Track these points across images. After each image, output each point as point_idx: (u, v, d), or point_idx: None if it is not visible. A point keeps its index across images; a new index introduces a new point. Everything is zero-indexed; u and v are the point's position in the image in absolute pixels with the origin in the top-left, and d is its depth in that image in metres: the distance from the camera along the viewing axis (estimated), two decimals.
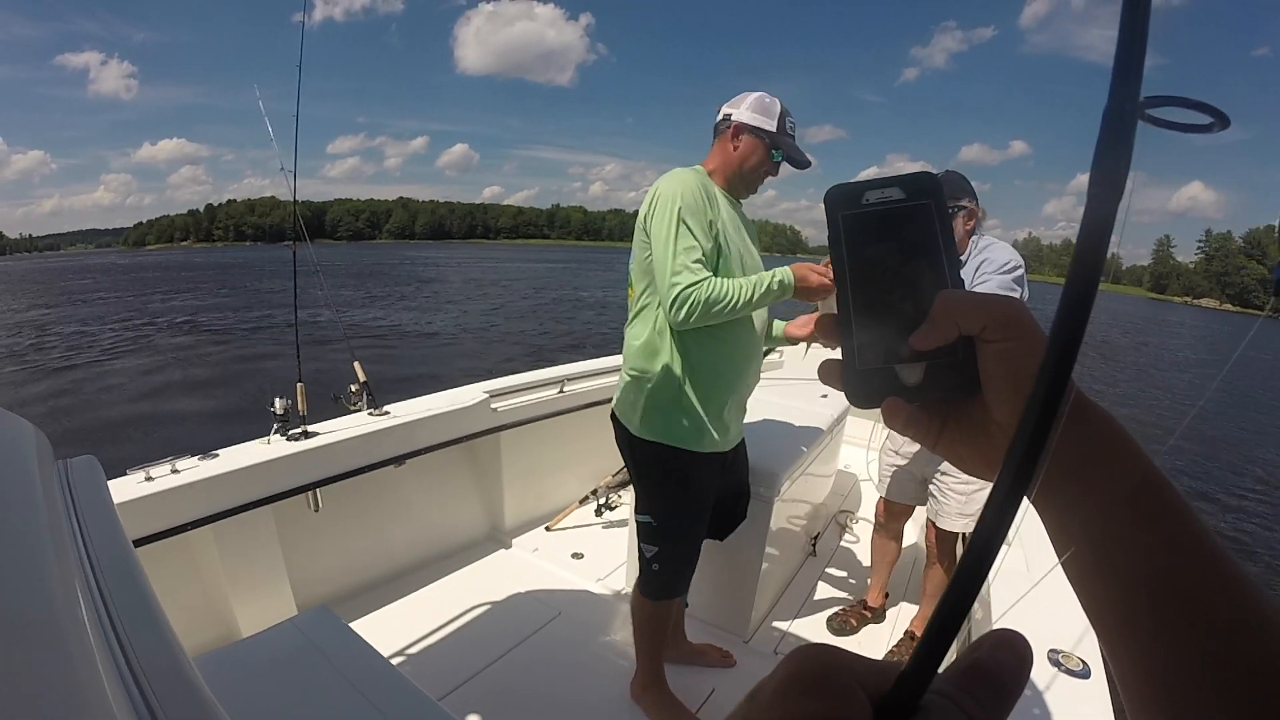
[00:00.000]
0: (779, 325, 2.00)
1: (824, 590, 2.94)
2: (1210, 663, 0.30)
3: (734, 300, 1.65)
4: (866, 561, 3.16)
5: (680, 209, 1.67)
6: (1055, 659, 1.35)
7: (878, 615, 2.72)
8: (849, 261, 0.40)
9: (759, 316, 1.90)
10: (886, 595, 2.77)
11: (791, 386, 3.38)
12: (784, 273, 1.69)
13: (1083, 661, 1.35)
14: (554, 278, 43.93)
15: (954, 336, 0.37)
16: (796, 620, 2.68)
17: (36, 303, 28.75)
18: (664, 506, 1.95)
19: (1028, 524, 1.80)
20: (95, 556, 0.83)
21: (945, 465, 2.46)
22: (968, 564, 0.23)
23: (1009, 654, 0.24)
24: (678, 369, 1.81)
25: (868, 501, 3.80)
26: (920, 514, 2.71)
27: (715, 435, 1.87)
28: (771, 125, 1.76)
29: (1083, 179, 0.26)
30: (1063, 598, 1.58)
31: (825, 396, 3.26)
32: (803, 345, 2.19)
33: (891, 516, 2.71)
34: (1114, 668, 0.36)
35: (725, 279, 1.68)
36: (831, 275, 0.41)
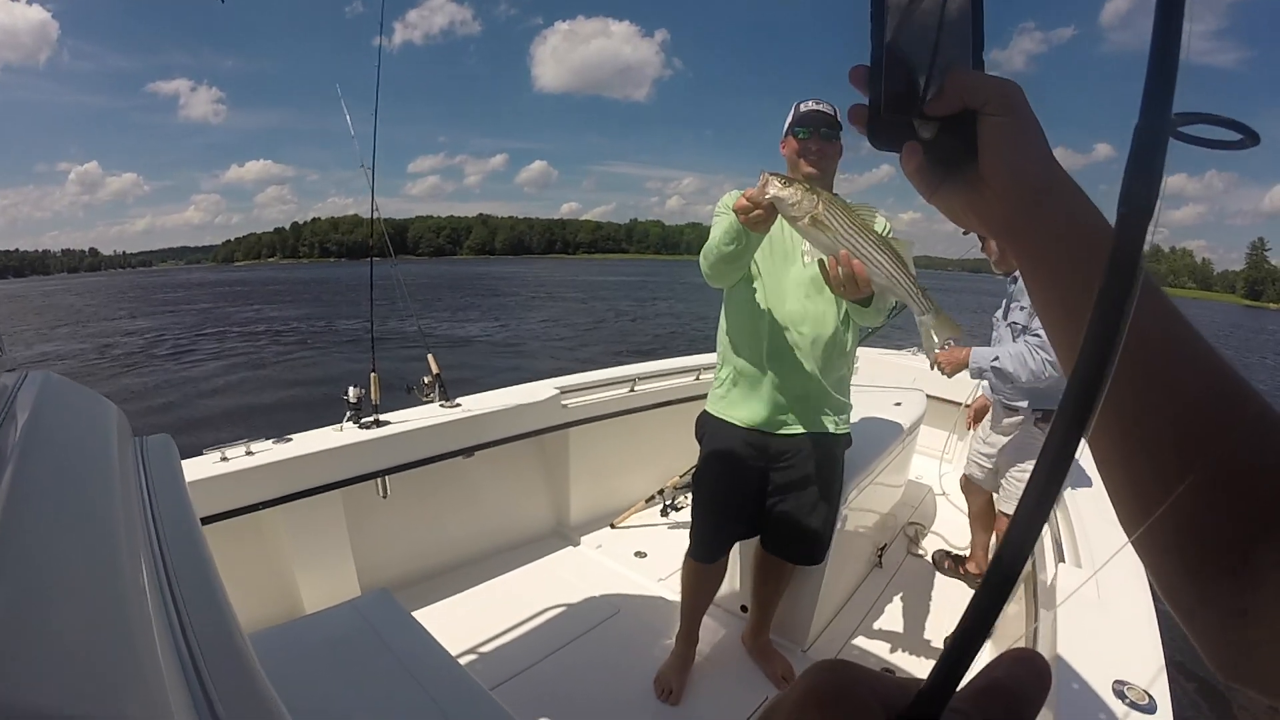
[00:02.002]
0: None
1: (888, 603, 2.85)
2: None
3: (711, 243, 1.81)
4: (934, 574, 3.07)
5: (718, 207, 1.93)
6: (1120, 690, 1.27)
7: (972, 582, 2.58)
8: (889, 21, 0.45)
9: (795, 293, 1.94)
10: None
11: (864, 394, 3.32)
12: None
13: (1148, 695, 1.26)
14: (630, 292, 44.11)
15: (959, 108, 0.45)
16: (858, 632, 2.61)
17: (137, 312, 30.58)
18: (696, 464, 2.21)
19: (1101, 550, 1.69)
20: (163, 528, 0.86)
21: (1021, 465, 2.64)
22: (990, 585, 0.22)
23: (1027, 672, 0.24)
24: (719, 340, 2.12)
25: (940, 515, 3.68)
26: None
27: (733, 405, 2.06)
28: (790, 118, 1.91)
29: (1170, 181, 0.26)
30: (1131, 628, 1.49)
31: (899, 405, 3.17)
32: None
33: (972, 491, 2.95)
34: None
35: None
36: (748, 195, 0.47)
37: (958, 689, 0.22)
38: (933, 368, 2.55)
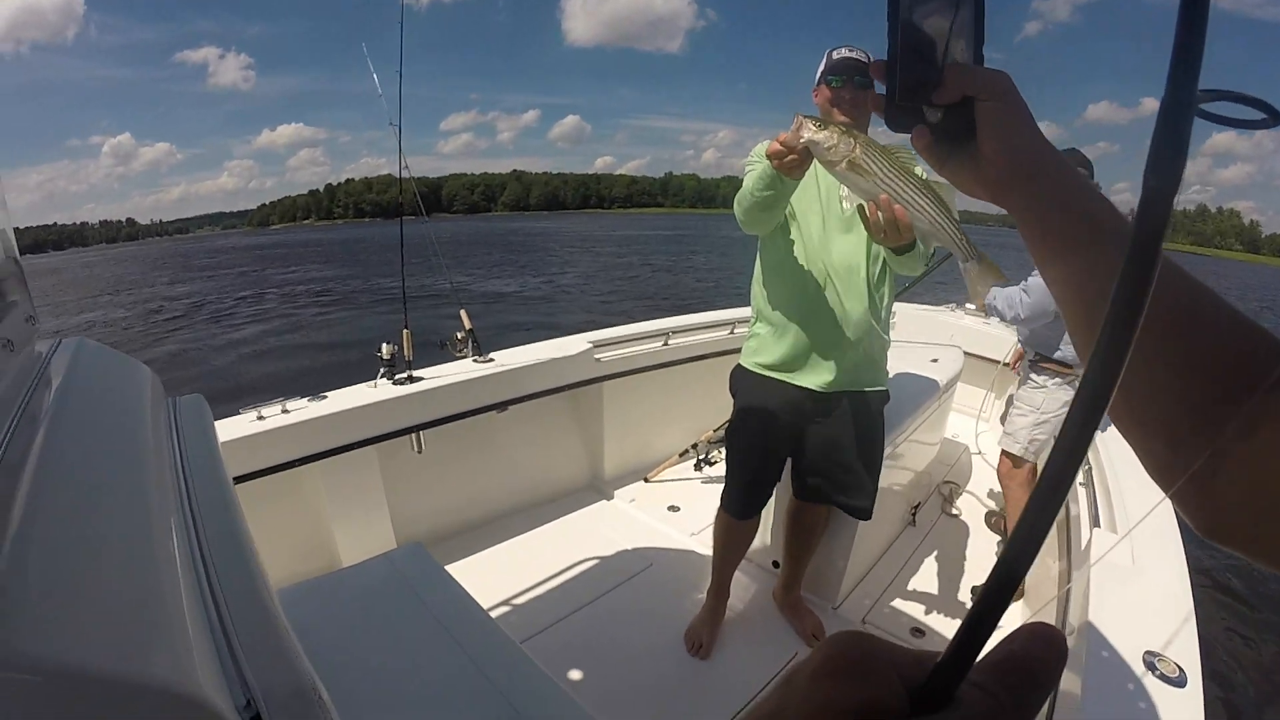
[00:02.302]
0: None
1: (921, 562, 2.83)
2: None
3: (745, 189, 1.76)
4: (969, 534, 3.05)
5: (750, 157, 1.86)
6: (1151, 662, 1.25)
7: None
8: (901, 26, 0.53)
9: (838, 249, 1.89)
10: None
11: (901, 350, 3.28)
12: None
13: (1179, 668, 1.24)
14: (664, 246, 43.71)
15: (959, 96, 0.53)
16: (889, 590, 2.60)
17: (176, 279, 30.99)
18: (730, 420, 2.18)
19: (1138, 516, 1.65)
20: (194, 486, 0.88)
21: (1016, 403, 2.87)
22: (1008, 558, 0.23)
23: (1043, 647, 0.24)
24: (753, 293, 2.08)
25: (976, 474, 3.64)
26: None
27: (767, 359, 2.02)
28: (823, 66, 1.85)
29: (1218, 139, 0.25)
30: (1166, 599, 1.46)
31: (935, 361, 3.12)
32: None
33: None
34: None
35: None
36: (781, 140, 0.94)
37: (975, 662, 0.23)
38: (985, 314, 2.54)
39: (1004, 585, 0.22)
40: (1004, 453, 2.89)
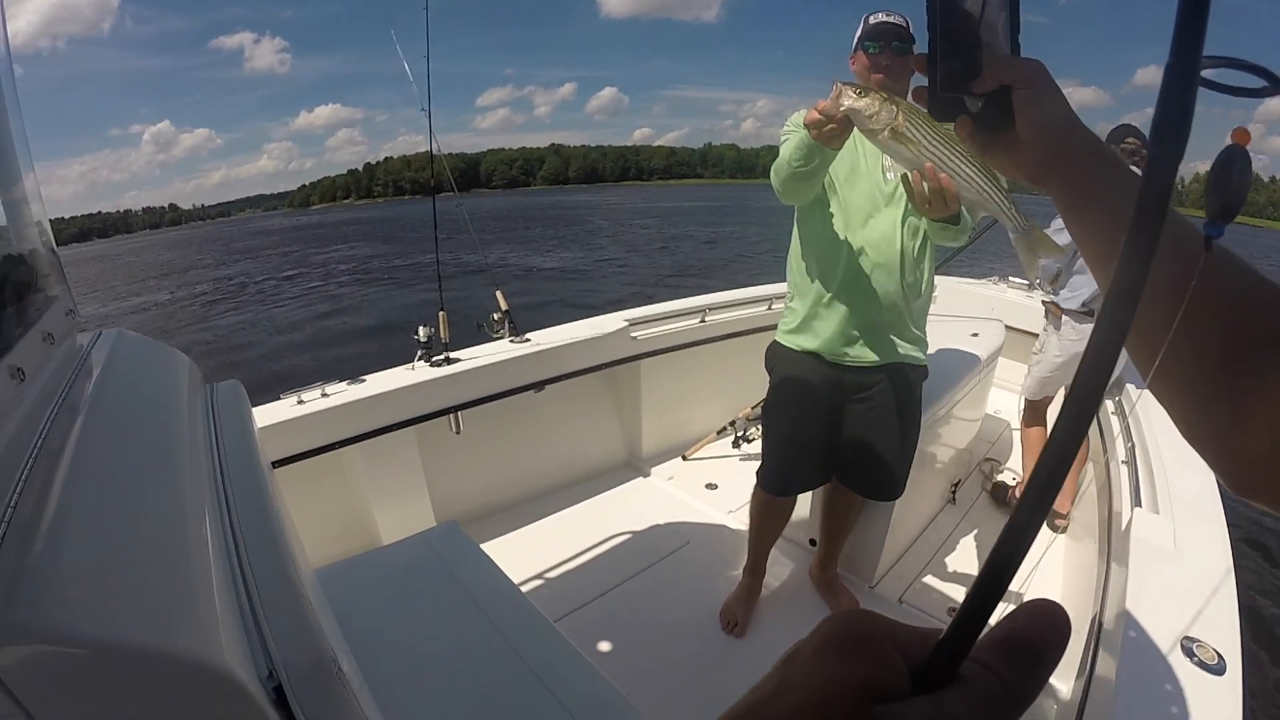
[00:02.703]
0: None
1: (960, 541, 2.78)
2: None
3: (782, 159, 1.71)
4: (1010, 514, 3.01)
5: (787, 125, 1.84)
6: (1189, 648, 1.21)
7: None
8: (940, 18, 0.56)
9: (877, 217, 1.84)
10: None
11: (941, 324, 3.20)
12: None
13: (1219, 655, 1.20)
14: (703, 218, 43.13)
15: (997, 85, 0.57)
16: (927, 569, 2.56)
17: (219, 262, 31.48)
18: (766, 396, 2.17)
19: (1181, 497, 1.60)
20: (228, 470, 0.90)
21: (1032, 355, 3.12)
22: (1002, 545, 0.23)
23: (1046, 623, 0.24)
24: (790, 266, 2.04)
25: (1018, 451, 3.56)
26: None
27: (804, 334, 2.00)
28: (859, 32, 1.79)
29: (1274, 104, 0.25)
30: (1208, 583, 1.42)
31: (976, 335, 3.06)
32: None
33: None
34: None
35: None
36: (820, 108, 1.04)
37: (978, 640, 0.23)
38: (1033, 287, 2.50)
39: (1006, 560, 0.23)
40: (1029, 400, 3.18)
